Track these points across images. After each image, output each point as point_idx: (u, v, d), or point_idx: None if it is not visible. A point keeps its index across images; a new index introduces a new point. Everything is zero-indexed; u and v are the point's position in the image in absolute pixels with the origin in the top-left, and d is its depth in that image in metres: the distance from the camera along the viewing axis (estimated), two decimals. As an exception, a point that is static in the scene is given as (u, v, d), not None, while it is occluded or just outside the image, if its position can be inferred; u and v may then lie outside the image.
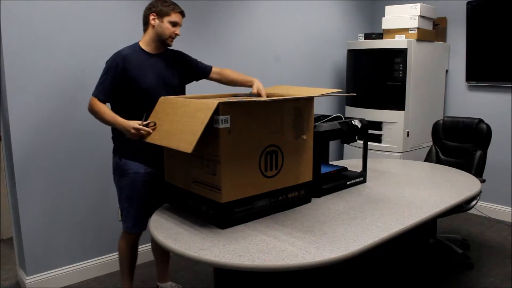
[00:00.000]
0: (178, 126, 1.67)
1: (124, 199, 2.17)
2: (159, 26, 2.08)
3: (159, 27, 2.08)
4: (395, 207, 1.92)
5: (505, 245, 3.21)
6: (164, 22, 2.07)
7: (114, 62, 2.02)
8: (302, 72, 3.90)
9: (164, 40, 2.10)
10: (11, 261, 2.97)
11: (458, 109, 3.97)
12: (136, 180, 2.12)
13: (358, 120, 2.26)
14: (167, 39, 2.10)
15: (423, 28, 3.61)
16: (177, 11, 2.10)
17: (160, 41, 2.11)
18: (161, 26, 2.07)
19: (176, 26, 2.10)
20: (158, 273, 2.56)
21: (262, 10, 3.51)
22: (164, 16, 2.07)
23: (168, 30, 2.08)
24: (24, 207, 2.48)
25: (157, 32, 2.09)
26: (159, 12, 2.07)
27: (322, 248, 1.48)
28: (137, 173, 2.12)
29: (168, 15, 2.07)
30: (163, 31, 2.08)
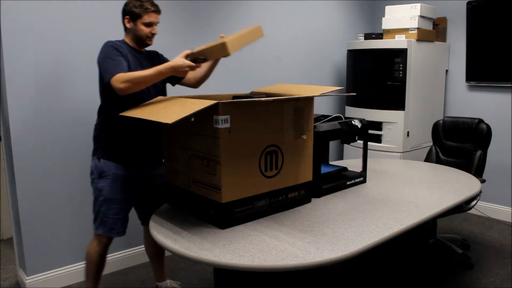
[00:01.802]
0: (167, 109, 1.67)
1: (101, 202, 2.09)
2: (134, 29, 2.03)
3: (134, 30, 2.03)
4: (395, 207, 1.92)
5: (505, 245, 3.22)
6: (138, 24, 2.01)
7: (115, 48, 1.94)
8: (302, 72, 3.90)
9: (142, 41, 2.06)
10: (11, 261, 2.97)
11: (458, 109, 3.97)
12: (116, 183, 2.06)
13: (358, 120, 2.26)
14: (145, 40, 2.06)
15: (423, 28, 3.61)
16: (149, 12, 2.01)
17: (139, 42, 2.07)
18: (136, 29, 2.02)
19: (151, 26, 2.04)
20: (155, 273, 2.55)
21: (262, 10, 3.51)
22: (137, 19, 2.01)
23: (143, 32, 2.03)
24: (24, 207, 2.48)
25: (134, 34, 2.05)
26: (131, 15, 2.01)
27: (322, 248, 1.48)
28: (117, 175, 2.06)
29: (140, 18, 2.00)
30: (138, 33, 2.03)
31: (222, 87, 3.31)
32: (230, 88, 3.33)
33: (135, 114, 1.74)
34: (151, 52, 2.20)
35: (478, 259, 2.98)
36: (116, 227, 2.13)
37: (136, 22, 2.01)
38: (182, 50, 3.33)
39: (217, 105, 1.56)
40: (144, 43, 2.07)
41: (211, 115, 1.59)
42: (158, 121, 1.56)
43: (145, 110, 1.76)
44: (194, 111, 1.50)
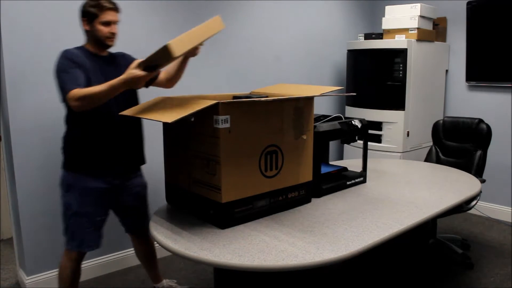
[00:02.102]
0: (167, 109, 1.66)
1: (69, 216, 2.00)
2: (93, 30, 1.92)
3: (93, 31, 1.92)
4: (395, 207, 1.92)
5: (505, 245, 3.21)
6: (96, 25, 1.90)
7: (70, 60, 1.85)
8: (302, 72, 3.90)
9: (102, 42, 1.95)
10: (11, 261, 2.97)
11: (458, 109, 3.97)
12: (85, 196, 1.97)
13: (358, 120, 2.26)
14: (105, 41, 1.94)
15: (423, 28, 3.61)
16: (105, 10, 1.90)
17: (100, 43, 1.95)
18: (94, 30, 1.91)
19: (110, 25, 1.92)
20: (150, 276, 2.54)
21: (262, 10, 3.51)
22: (94, 19, 1.90)
23: (101, 32, 1.92)
24: (24, 207, 2.48)
25: (93, 36, 1.93)
26: (88, 16, 1.91)
27: (322, 248, 1.48)
28: (86, 188, 1.97)
29: (97, 17, 1.89)
30: (97, 34, 1.92)
31: (222, 87, 3.31)
32: (230, 88, 3.33)
33: (135, 114, 1.74)
34: (116, 55, 2.10)
35: (478, 259, 2.98)
36: (86, 241, 2.05)
37: (93, 23, 1.90)
38: (182, 50, 3.31)
39: (217, 105, 1.56)
40: (104, 45, 1.96)
41: (211, 115, 1.59)
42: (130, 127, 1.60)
43: (145, 110, 1.76)
44: (194, 110, 1.50)
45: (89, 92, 1.74)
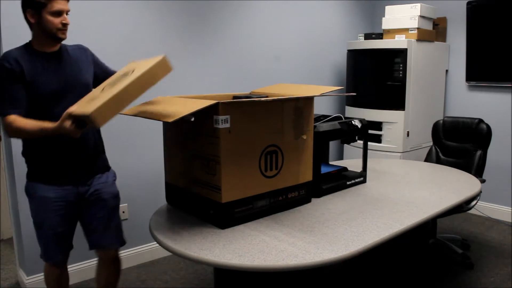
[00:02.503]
0: (167, 109, 1.62)
1: (34, 225, 1.87)
2: (40, 22, 1.67)
3: (40, 24, 1.67)
4: (395, 207, 1.92)
5: (505, 245, 3.21)
6: (44, 15, 1.65)
7: (8, 71, 1.64)
8: (302, 72, 3.90)
9: (54, 36, 1.70)
10: (11, 261, 2.97)
11: (458, 109, 3.97)
12: (43, 205, 1.81)
13: (358, 120, 2.26)
14: (56, 34, 1.69)
15: (423, 28, 3.61)
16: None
17: (50, 37, 1.71)
18: (43, 21, 1.66)
19: (61, 15, 1.68)
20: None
21: (262, 9, 3.51)
22: (41, 8, 1.64)
23: (52, 24, 1.67)
24: (24, 207, 2.47)
25: (41, 29, 1.68)
26: (33, 6, 1.64)
27: (322, 248, 1.48)
28: (44, 197, 1.80)
29: (45, 7, 1.64)
30: (46, 26, 1.67)
31: (222, 87, 3.31)
32: (230, 88, 3.33)
33: (135, 114, 1.74)
34: (70, 48, 1.86)
35: (478, 259, 2.98)
36: (50, 254, 1.91)
37: (41, 14, 1.65)
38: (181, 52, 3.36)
39: (217, 105, 1.56)
40: (56, 38, 1.71)
41: (211, 115, 1.59)
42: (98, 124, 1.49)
43: (145, 110, 1.76)
44: (194, 110, 1.50)
45: (22, 129, 1.65)
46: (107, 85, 1.65)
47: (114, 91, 1.47)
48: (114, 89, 1.50)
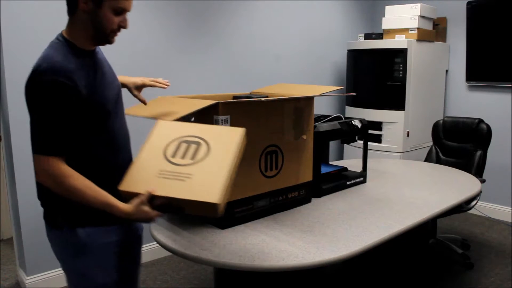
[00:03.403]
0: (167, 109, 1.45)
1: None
2: (96, 15, 1.25)
3: (95, 16, 1.25)
4: (395, 207, 1.92)
5: (505, 245, 3.21)
6: (104, 9, 1.25)
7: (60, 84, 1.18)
8: (302, 72, 3.90)
9: (104, 37, 1.30)
10: (11, 261, 2.97)
11: (458, 109, 3.97)
12: (107, 256, 1.35)
13: (358, 120, 2.26)
14: (109, 35, 1.30)
15: (423, 28, 3.61)
16: None
17: (97, 37, 1.30)
18: (99, 16, 1.25)
19: (122, 15, 1.30)
20: None
21: (262, 9, 3.51)
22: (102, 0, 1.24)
23: (109, 23, 1.27)
24: (24, 207, 2.48)
25: (93, 23, 1.26)
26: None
27: (322, 248, 1.48)
28: (108, 244, 1.34)
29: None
30: (101, 23, 1.26)
31: (222, 87, 3.31)
32: (230, 88, 3.33)
33: (136, 114, 1.73)
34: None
35: (478, 259, 2.98)
36: None
37: (101, 6, 1.24)
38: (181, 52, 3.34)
39: (217, 105, 1.56)
40: (105, 40, 1.32)
41: (211, 115, 1.59)
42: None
43: (145, 110, 1.76)
44: (194, 110, 1.50)
45: (78, 193, 1.20)
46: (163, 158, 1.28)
47: (223, 172, 1.21)
48: (212, 166, 1.23)
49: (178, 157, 1.26)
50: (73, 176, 1.20)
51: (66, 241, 1.31)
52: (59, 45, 1.28)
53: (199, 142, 1.29)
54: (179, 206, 1.21)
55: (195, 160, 1.24)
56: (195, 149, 1.27)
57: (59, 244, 1.33)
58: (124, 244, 1.40)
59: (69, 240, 1.30)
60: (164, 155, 1.27)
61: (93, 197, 1.20)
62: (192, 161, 1.24)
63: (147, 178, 1.23)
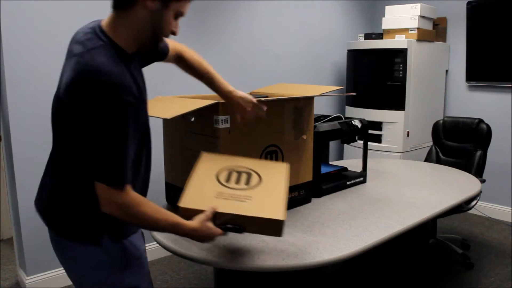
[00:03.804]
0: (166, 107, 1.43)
1: None
2: (157, 15, 1.11)
3: (157, 16, 1.12)
4: (395, 207, 1.92)
5: (505, 245, 3.21)
6: (167, 11, 1.13)
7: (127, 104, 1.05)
8: (302, 72, 3.90)
9: (158, 41, 1.19)
10: (11, 261, 2.97)
11: (458, 109, 3.97)
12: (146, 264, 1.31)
13: (358, 120, 2.26)
14: (159, 40, 1.20)
15: (423, 28, 3.61)
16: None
17: (152, 40, 1.17)
18: (162, 16, 1.13)
19: (178, 19, 1.20)
20: None
21: (262, 9, 3.50)
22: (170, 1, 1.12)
23: (167, 26, 1.16)
24: (24, 207, 2.48)
25: (153, 24, 1.13)
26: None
27: (322, 248, 1.48)
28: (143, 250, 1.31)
29: (177, 1, 1.14)
30: (159, 25, 1.14)
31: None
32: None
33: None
34: None
35: (478, 259, 2.97)
36: None
37: (169, 5, 1.12)
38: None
39: (217, 105, 1.56)
40: (155, 45, 1.21)
41: (211, 115, 1.59)
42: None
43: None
44: (193, 109, 1.50)
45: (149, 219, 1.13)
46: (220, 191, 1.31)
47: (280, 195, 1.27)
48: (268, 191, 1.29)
49: (232, 182, 1.30)
50: (143, 203, 1.13)
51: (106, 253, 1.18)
52: (105, 48, 1.08)
53: (250, 172, 1.35)
54: (241, 226, 1.22)
55: (250, 186, 1.28)
56: (247, 177, 1.32)
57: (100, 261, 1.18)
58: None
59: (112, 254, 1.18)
60: (217, 180, 1.30)
61: (163, 220, 1.15)
62: (247, 187, 1.28)
63: (206, 197, 1.23)
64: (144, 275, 1.28)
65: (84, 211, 1.16)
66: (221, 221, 1.20)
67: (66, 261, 1.23)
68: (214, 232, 1.19)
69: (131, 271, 1.22)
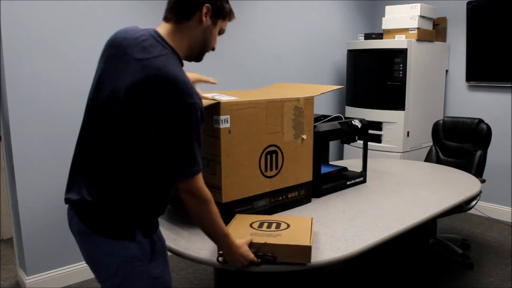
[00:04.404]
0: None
1: None
2: (209, 30, 1.27)
3: (208, 31, 1.27)
4: (395, 207, 1.92)
5: (505, 245, 3.21)
6: (217, 27, 1.29)
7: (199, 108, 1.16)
8: (302, 72, 3.90)
9: (203, 54, 1.33)
10: (11, 261, 2.97)
11: (458, 109, 3.97)
12: (167, 256, 1.37)
13: (358, 120, 2.26)
14: (202, 55, 1.33)
15: (423, 28, 3.61)
16: (232, 18, 1.34)
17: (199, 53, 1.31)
18: (211, 31, 1.27)
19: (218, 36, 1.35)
20: None
21: (262, 9, 3.50)
22: (220, 18, 1.28)
23: (214, 41, 1.31)
24: (24, 207, 2.48)
25: (203, 38, 1.27)
26: (217, 9, 1.26)
27: (322, 248, 1.48)
28: (165, 244, 1.40)
29: (223, 19, 1.30)
30: (210, 40, 1.29)
31: (222, 86, 3.31)
32: (230, 87, 3.33)
33: None
34: None
35: (478, 259, 2.97)
36: None
37: (217, 21, 1.27)
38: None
39: (217, 105, 1.56)
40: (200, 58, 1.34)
41: (211, 115, 1.59)
42: None
43: None
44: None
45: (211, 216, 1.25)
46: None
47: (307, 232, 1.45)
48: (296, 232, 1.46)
49: (264, 228, 1.49)
50: (212, 202, 1.25)
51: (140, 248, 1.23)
52: (171, 56, 1.19)
53: (279, 222, 1.55)
54: (272, 255, 1.35)
55: (280, 229, 1.48)
56: (277, 225, 1.52)
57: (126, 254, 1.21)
58: None
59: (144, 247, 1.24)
60: (250, 227, 1.50)
61: (220, 226, 1.26)
62: (277, 230, 1.47)
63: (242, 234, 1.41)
64: (167, 266, 1.34)
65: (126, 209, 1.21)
66: (255, 250, 1.35)
67: (96, 255, 1.25)
68: (251, 256, 1.32)
69: (157, 262, 1.28)
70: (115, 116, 1.17)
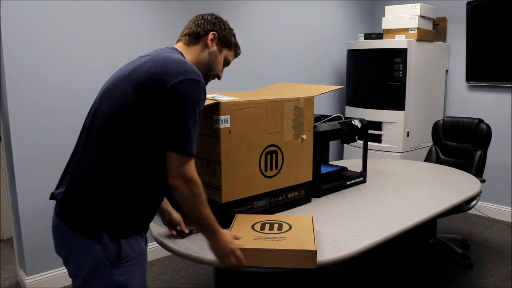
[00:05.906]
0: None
1: None
2: (214, 55, 1.44)
3: (213, 56, 1.44)
4: (395, 207, 1.92)
5: (505, 245, 3.21)
6: (222, 54, 1.46)
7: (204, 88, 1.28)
8: (302, 72, 3.90)
9: (209, 76, 1.45)
10: (11, 261, 2.97)
11: (458, 109, 3.97)
12: (144, 263, 1.34)
13: (358, 120, 2.26)
14: (208, 79, 1.45)
15: (423, 28, 3.61)
16: (237, 51, 1.53)
17: (204, 74, 1.37)
18: (216, 57, 1.44)
19: (224, 66, 1.51)
20: None
21: (262, 9, 3.50)
22: (225, 47, 1.47)
23: (218, 68, 1.46)
24: (24, 207, 2.48)
25: (208, 62, 1.44)
26: (223, 38, 1.46)
27: (322, 248, 1.48)
28: (142, 255, 1.32)
29: (229, 49, 1.49)
30: (215, 65, 1.45)
31: (222, 87, 3.31)
32: (230, 87, 3.33)
33: None
34: None
35: (478, 259, 2.97)
36: None
37: (222, 49, 1.46)
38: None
39: (217, 105, 1.56)
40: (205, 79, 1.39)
41: (211, 115, 1.59)
42: None
43: None
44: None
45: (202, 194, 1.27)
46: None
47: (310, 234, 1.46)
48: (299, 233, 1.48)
49: (266, 230, 1.51)
50: (201, 186, 1.26)
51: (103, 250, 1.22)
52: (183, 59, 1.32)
53: (281, 223, 1.57)
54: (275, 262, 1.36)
55: (282, 231, 1.49)
56: (279, 226, 1.54)
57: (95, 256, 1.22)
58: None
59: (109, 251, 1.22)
60: (253, 229, 1.51)
61: (208, 215, 1.29)
62: (279, 232, 1.49)
63: (245, 240, 1.42)
64: (135, 276, 1.29)
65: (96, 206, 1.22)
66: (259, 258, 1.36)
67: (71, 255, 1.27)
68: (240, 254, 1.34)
69: (121, 269, 1.25)
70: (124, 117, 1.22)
